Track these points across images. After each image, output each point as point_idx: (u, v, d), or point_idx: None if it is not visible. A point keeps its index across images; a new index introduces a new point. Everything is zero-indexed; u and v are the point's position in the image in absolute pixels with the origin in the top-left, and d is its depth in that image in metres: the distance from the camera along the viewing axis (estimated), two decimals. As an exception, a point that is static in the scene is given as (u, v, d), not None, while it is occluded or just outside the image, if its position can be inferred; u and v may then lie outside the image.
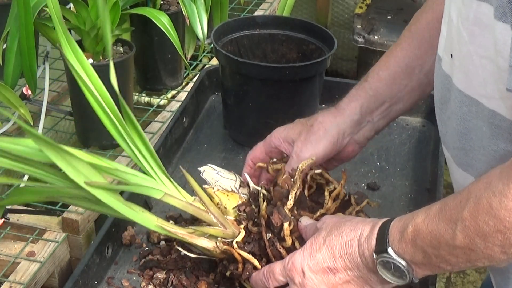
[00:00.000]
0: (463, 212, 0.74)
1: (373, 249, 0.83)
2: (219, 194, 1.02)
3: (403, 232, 0.81)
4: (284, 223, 0.95)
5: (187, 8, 1.61)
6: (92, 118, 1.63)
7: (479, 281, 2.49)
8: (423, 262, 0.81)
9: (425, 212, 0.80)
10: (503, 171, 0.72)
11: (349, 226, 0.88)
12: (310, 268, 0.88)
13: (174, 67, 1.95)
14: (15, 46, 1.42)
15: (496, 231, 0.71)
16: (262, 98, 1.37)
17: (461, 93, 0.84)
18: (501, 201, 0.70)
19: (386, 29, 2.82)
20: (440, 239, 0.76)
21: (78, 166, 0.86)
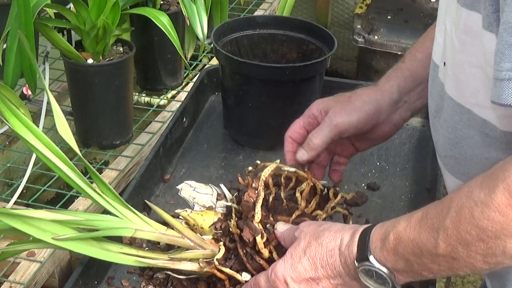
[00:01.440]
0: (445, 221, 0.73)
1: (355, 257, 0.83)
2: (193, 216, 1.02)
3: (384, 240, 0.80)
4: (256, 237, 0.95)
5: (187, 8, 1.60)
6: (92, 118, 1.65)
7: (479, 281, 2.49)
8: (405, 270, 0.80)
9: (406, 220, 0.79)
10: (484, 180, 0.72)
11: (328, 235, 0.87)
12: (293, 279, 0.87)
13: (174, 67, 1.95)
14: (15, 46, 1.42)
15: (478, 240, 0.71)
16: (262, 98, 1.37)
17: (453, 102, 0.84)
18: (483, 211, 0.70)
19: (386, 29, 2.82)
20: (422, 248, 0.76)
21: (43, 226, 0.88)
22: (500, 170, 0.70)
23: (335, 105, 1.08)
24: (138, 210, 1.20)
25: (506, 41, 0.67)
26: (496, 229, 0.69)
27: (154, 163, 1.27)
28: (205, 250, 0.97)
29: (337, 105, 1.08)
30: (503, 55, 0.66)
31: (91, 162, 2.10)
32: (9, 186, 1.83)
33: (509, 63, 0.66)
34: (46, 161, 0.90)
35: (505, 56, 0.66)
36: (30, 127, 0.89)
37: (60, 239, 0.89)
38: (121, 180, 1.60)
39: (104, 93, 1.59)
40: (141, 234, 0.94)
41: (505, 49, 0.66)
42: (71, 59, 1.55)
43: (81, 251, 0.91)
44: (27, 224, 0.88)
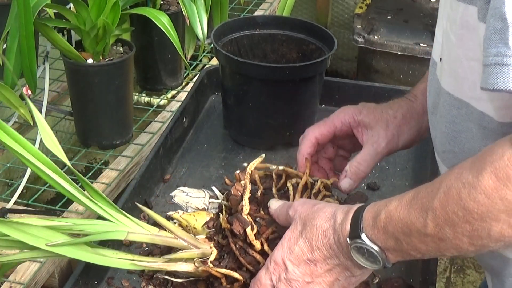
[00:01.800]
0: (434, 201, 0.74)
1: (347, 235, 0.83)
2: (185, 217, 1.02)
3: (376, 218, 0.81)
4: (246, 229, 0.95)
5: (187, 8, 1.60)
6: (92, 118, 1.65)
7: (479, 281, 2.49)
8: (395, 248, 0.81)
9: (398, 199, 0.80)
10: (473, 162, 0.72)
11: (322, 216, 0.88)
12: (292, 262, 0.88)
13: (174, 67, 1.95)
14: (15, 46, 1.42)
15: (464, 221, 0.72)
16: (262, 98, 1.37)
17: (451, 96, 0.84)
18: (470, 193, 0.70)
19: (386, 29, 2.82)
20: (411, 227, 0.77)
21: (36, 232, 0.89)
22: (489, 154, 0.71)
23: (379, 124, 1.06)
24: (138, 210, 1.20)
25: (493, 27, 0.67)
26: (482, 211, 0.70)
27: (154, 163, 1.27)
28: (199, 250, 0.98)
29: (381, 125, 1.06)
30: (490, 41, 0.67)
31: (91, 162, 2.11)
32: (9, 186, 1.83)
33: (495, 49, 0.66)
34: (37, 171, 0.90)
35: (492, 41, 0.67)
36: (18, 139, 0.89)
37: (53, 244, 0.89)
38: (121, 180, 1.60)
39: (104, 93, 1.59)
40: (134, 237, 0.95)
41: (492, 34, 0.67)
42: (71, 59, 1.55)
43: (75, 256, 0.92)
44: (20, 231, 0.89)
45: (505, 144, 0.69)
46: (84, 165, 2.00)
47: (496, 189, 0.69)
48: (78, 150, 1.77)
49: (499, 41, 0.66)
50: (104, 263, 0.95)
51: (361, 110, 1.08)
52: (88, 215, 1.48)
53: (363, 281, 1.03)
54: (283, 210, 0.94)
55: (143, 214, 1.21)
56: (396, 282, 1.07)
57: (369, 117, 1.07)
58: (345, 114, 1.08)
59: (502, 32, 0.65)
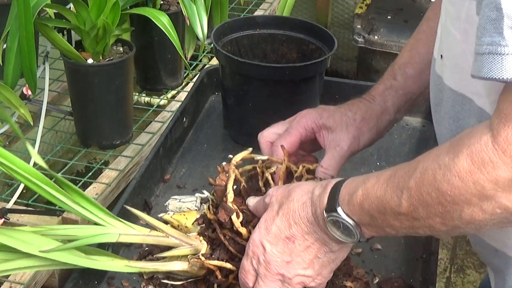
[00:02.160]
0: (410, 181, 0.75)
1: (324, 207, 0.84)
2: (176, 217, 1.03)
3: (352, 194, 0.82)
4: (232, 217, 0.95)
5: (187, 8, 1.61)
6: (92, 118, 1.65)
7: (479, 281, 2.49)
8: (370, 224, 0.82)
9: (376, 177, 0.81)
10: (451, 145, 0.73)
11: (299, 191, 0.88)
12: (270, 242, 0.88)
13: (174, 67, 1.96)
14: (15, 46, 1.42)
15: (437, 203, 0.73)
16: (262, 98, 1.37)
17: (454, 92, 0.85)
18: (444, 175, 0.71)
19: (386, 29, 2.82)
20: (386, 205, 0.78)
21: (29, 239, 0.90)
22: (467, 137, 0.71)
23: (339, 127, 1.07)
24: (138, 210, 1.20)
25: (487, 16, 0.67)
26: (455, 193, 0.71)
27: (154, 163, 1.27)
28: (191, 246, 0.98)
29: (341, 128, 1.07)
30: (484, 30, 0.67)
31: (91, 162, 2.11)
32: (9, 186, 1.83)
33: (489, 38, 0.67)
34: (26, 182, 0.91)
35: (486, 30, 0.67)
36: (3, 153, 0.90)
37: (46, 250, 0.90)
38: (121, 180, 1.60)
39: (104, 93, 1.59)
40: (126, 238, 0.96)
41: (486, 23, 0.67)
42: (71, 59, 1.55)
43: (69, 261, 0.92)
44: (13, 239, 0.89)
45: (483, 128, 0.70)
46: (84, 165, 2.00)
47: (470, 173, 0.69)
48: (78, 150, 1.77)
49: (493, 30, 0.66)
50: (98, 267, 0.96)
51: (322, 114, 1.09)
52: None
53: (364, 281, 1.04)
54: (261, 203, 0.95)
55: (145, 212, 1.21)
56: (396, 282, 1.07)
57: (329, 121, 1.08)
58: (307, 120, 1.09)
59: (496, 22, 0.66)
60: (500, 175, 0.67)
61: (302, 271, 0.89)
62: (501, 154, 0.67)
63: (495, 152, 0.68)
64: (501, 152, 0.67)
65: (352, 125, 1.07)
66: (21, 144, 1.81)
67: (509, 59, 0.65)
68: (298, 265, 0.88)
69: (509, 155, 0.67)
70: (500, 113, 0.68)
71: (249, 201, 0.98)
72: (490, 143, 0.68)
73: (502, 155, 0.67)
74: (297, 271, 0.89)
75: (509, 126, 0.67)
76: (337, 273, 1.02)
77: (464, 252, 2.63)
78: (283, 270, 0.89)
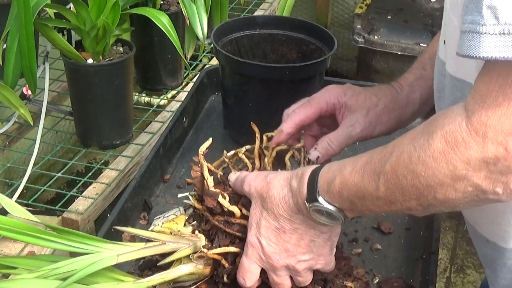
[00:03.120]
0: (386, 165, 0.76)
1: (305, 198, 0.86)
2: (166, 225, 1.03)
3: (331, 183, 0.83)
4: (218, 200, 0.96)
5: (187, 8, 1.60)
6: (92, 118, 1.65)
7: (479, 281, 2.49)
8: (351, 209, 0.84)
9: (352, 164, 0.82)
10: (426, 126, 0.74)
11: (277, 185, 0.90)
12: (264, 237, 0.90)
13: (174, 67, 1.95)
14: (15, 46, 1.42)
15: (412, 185, 0.74)
16: (262, 98, 1.37)
17: (453, 78, 0.85)
18: (419, 156, 0.72)
19: (386, 29, 2.82)
20: (365, 191, 0.80)
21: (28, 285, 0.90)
22: (441, 117, 0.72)
23: (359, 109, 1.07)
24: (138, 210, 1.21)
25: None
26: (428, 175, 0.71)
27: (154, 163, 1.27)
28: (190, 244, 0.98)
29: (361, 111, 1.07)
30: (467, 8, 0.68)
31: (91, 162, 2.11)
32: (9, 186, 1.83)
33: (471, 16, 0.67)
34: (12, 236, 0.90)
35: (468, 9, 0.68)
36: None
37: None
38: (121, 180, 1.60)
39: (104, 93, 1.59)
40: (125, 257, 0.95)
41: (469, 2, 0.68)
42: (71, 59, 1.55)
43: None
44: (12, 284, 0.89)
45: (459, 109, 0.71)
46: (84, 165, 2.01)
47: (444, 153, 0.70)
48: (78, 150, 1.77)
49: (474, 9, 0.67)
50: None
51: (346, 92, 1.09)
52: (88, 215, 1.48)
53: (364, 281, 1.04)
54: (238, 182, 0.96)
55: (143, 214, 1.21)
56: (396, 282, 1.07)
57: (351, 100, 1.08)
58: (330, 95, 1.09)
59: (477, 1, 0.66)
60: (472, 155, 0.68)
61: (302, 257, 0.91)
62: (474, 134, 0.68)
63: (468, 132, 0.68)
64: (474, 132, 0.68)
65: (372, 111, 1.07)
66: (21, 144, 1.81)
67: (487, 38, 0.66)
68: (297, 252, 0.90)
69: (481, 135, 0.67)
70: (476, 94, 0.69)
71: (230, 177, 0.99)
72: (464, 124, 0.69)
73: (475, 135, 0.68)
74: (298, 258, 0.91)
75: (483, 106, 0.68)
76: (337, 273, 1.02)
77: (464, 252, 2.63)
78: (285, 260, 0.91)
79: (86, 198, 1.52)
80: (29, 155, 1.63)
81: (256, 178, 0.93)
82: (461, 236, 2.69)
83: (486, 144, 0.67)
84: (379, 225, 1.20)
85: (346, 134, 1.06)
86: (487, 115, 0.67)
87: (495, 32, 0.65)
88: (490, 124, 0.67)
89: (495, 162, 0.68)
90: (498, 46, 0.65)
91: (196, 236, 0.99)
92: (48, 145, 1.96)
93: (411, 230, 1.20)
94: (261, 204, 0.91)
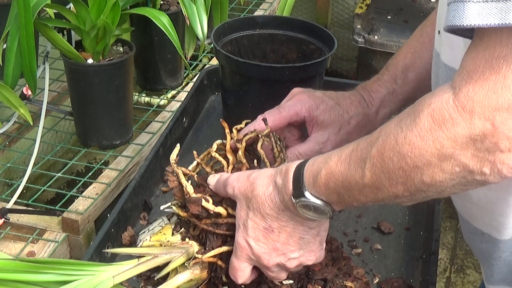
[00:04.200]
0: (372, 149, 0.75)
1: (291, 194, 0.85)
2: (154, 239, 1.02)
3: (316, 176, 0.82)
4: (202, 204, 0.95)
5: (187, 8, 1.60)
6: (92, 118, 1.65)
7: (479, 281, 2.49)
8: (338, 201, 0.83)
9: (337, 154, 0.81)
10: (413, 106, 0.73)
11: (261, 184, 0.89)
12: (252, 238, 0.90)
13: (174, 67, 1.95)
14: (15, 46, 1.42)
15: (398, 168, 0.72)
16: (262, 98, 1.37)
17: (447, 67, 0.85)
18: (406, 136, 0.71)
19: (386, 29, 2.82)
20: (351, 180, 0.78)
21: None
22: (428, 97, 0.71)
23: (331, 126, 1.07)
24: (138, 210, 1.21)
25: None
26: (415, 154, 0.70)
27: (154, 163, 1.27)
28: (183, 252, 0.97)
29: (333, 128, 1.07)
30: None
31: (91, 162, 2.11)
32: (9, 186, 1.83)
33: None
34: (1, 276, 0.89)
35: None
36: None
37: None
38: (121, 180, 1.60)
39: (104, 93, 1.59)
40: (121, 277, 0.94)
41: None
42: (71, 59, 1.55)
43: None
44: None
45: (446, 87, 0.70)
46: (84, 165, 2.00)
47: (430, 131, 0.69)
48: (78, 150, 1.77)
49: None
50: None
51: (319, 106, 1.08)
52: (88, 215, 1.48)
53: (363, 281, 1.04)
54: (220, 186, 0.95)
55: (143, 215, 1.21)
56: (396, 282, 1.07)
57: (324, 116, 1.08)
58: (302, 107, 1.09)
59: None
60: (458, 132, 0.67)
61: (292, 254, 0.90)
62: (461, 110, 0.67)
63: (455, 108, 0.67)
64: (460, 108, 0.67)
65: (344, 129, 1.08)
66: (21, 144, 1.81)
67: (470, 5, 0.65)
68: (286, 250, 0.90)
69: (468, 111, 0.66)
70: (463, 70, 0.68)
71: (209, 180, 0.98)
72: (451, 100, 0.68)
73: (462, 111, 0.67)
74: (288, 256, 0.90)
75: (470, 82, 0.67)
76: (337, 273, 1.02)
77: (464, 252, 2.63)
78: (275, 259, 0.90)
79: (86, 198, 1.52)
80: (29, 155, 1.63)
81: (238, 179, 0.92)
82: (461, 236, 2.69)
83: (473, 120, 0.66)
84: (379, 225, 1.20)
85: (316, 150, 1.06)
86: (474, 90, 0.66)
87: (479, 0, 0.64)
88: (477, 99, 0.66)
89: (482, 139, 0.66)
90: (481, 14, 0.64)
91: (187, 243, 0.99)
92: (48, 145, 1.96)
93: (411, 230, 1.20)
94: (246, 204, 0.90)
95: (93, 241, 1.07)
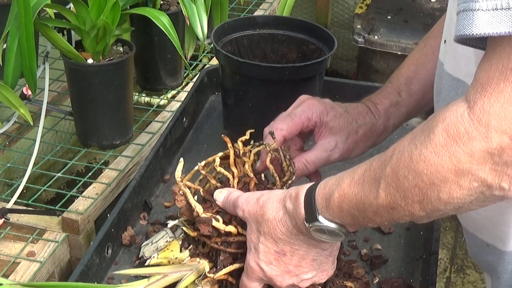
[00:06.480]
0: (386, 169, 0.74)
1: (304, 218, 0.84)
2: (162, 256, 1.02)
3: (329, 199, 0.81)
4: (213, 224, 0.94)
5: (187, 8, 1.60)
6: (92, 118, 1.64)
7: (479, 281, 2.49)
8: (353, 223, 0.82)
9: (350, 175, 0.80)
10: (426, 123, 0.71)
11: (272, 208, 0.88)
12: (264, 261, 0.89)
13: (174, 67, 1.95)
14: (15, 46, 1.42)
15: (414, 186, 0.71)
16: (262, 98, 1.37)
17: (450, 77, 0.85)
18: (421, 153, 0.69)
19: (386, 29, 2.82)
20: (365, 201, 0.77)
21: None
22: (442, 112, 0.69)
23: (339, 133, 1.07)
24: (138, 210, 1.21)
25: None
26: (431, 171, 0.68)
27: (154, 163, 1.27)
28: (192, 271, 0.97)
29: (342, 135, 1.07)
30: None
31: (91, 162, 2.11)
32: (9, 186, 1.83)
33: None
34: None
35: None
36: None
37: None
38: (121, 180, 1.60)
39: (104, 93, 1.59)
40: None
41: None
42: (71, 59, 1.55)
43: None
44: None
45: (460, 101, 0.68)
46: (84, 165, 2.00)
47: (446, 146, 0.67)
48: (78, 150, 1.77)
49: None
50: None
51: (329, 112, 1.08)
52: (88, 215, 1.48)
53: (363, 281, 1.04)
54: (230, 206, 0.95)
55: (143, 215, 1.21)
56: (396, 282, 1.07)
57: (333, 122, 1.08)
58: (313, 113, 1.08)
59: None
60: (475, 147, 0.65)
61: (305, 276, 0.90)
62: (477, 124, 0.65)
63: (470, 122, 0.66)
64: (476, 122, 0.65)
65: (352, 137, 1.07)
66: (21, 144, 1.81)
67: (480, 14, 0.63)
68: (299, 272, 0.89)
69: (484, 124, 0.65)
70: (477, 83, 0.67)
71: (216, 197, 0.98)
72: (466, 114, 0.66)
73: (478, 125, 0.65)
74: (301, 277, 0.90)
75: (485, 95, 0.65)
76: (337, 273, 1.02)
77: (464, 252, 2.63)
78: (288, 281, 0.90)
79: (86, 198, 1.52)
80: (29, 155, 1.63)
81: (248, 202, 0.91)
82: (461, 236, 2.69)
83: (489, 133, 0.64)
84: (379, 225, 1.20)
85: (324, 158, 1.06)
86: (489, 103, 0.64)
87: (488, 8, 0.63)
88: (493, 112, 0.64)
89: (500, 153, 0.65)
90: (491, 22, 0.63)
91: (196, 260, 0.98)
92: (48, 145, 1.96)
93: (411, 230, 1.20)
94: (256, 228, 0.89)
95: (93, 241, 1.07)
